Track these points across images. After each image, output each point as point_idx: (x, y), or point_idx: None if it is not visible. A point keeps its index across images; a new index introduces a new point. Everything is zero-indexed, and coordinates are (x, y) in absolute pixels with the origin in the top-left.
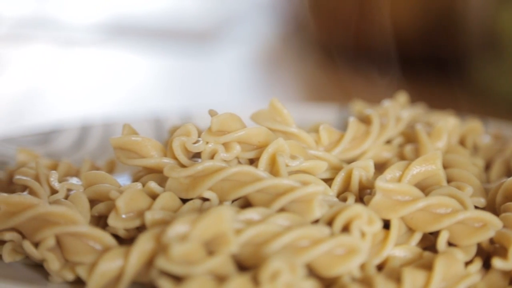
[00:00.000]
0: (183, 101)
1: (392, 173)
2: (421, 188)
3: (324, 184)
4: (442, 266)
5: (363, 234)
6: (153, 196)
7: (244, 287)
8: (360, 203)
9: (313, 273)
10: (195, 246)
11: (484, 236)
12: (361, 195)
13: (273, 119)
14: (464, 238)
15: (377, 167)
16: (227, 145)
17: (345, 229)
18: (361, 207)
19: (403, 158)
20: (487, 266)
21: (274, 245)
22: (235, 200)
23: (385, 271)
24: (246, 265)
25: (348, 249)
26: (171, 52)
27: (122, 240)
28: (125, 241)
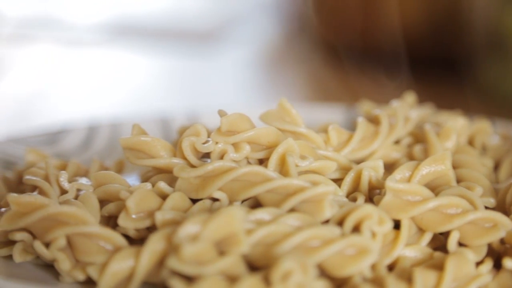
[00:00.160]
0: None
1: (401, 173)
2: (430, 188)
3: (334, 184)
4: (453, 266)
5: (373, 234)
6: (163, 196)
7: (255, 287)
8: (370, 203)
9: (324, 273)
10: (206, 246)
11: (495, 236)
12: (370, 195)
13: (282, 119)
14: (475, 238)
15: (386, 167)
16: (236, 145)
17: (356, 229)
18: (371, 207)
19: (412, 158)
20: (498, 266)
21: (285, 245)
22: (244, 200)
23: (395, 271)
24: (257, 265)
25: (359, 249)
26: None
27: (132, 240)
28: (135, 241)
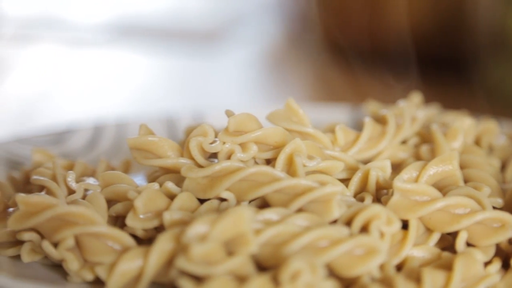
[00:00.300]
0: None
1: (408, 173)
2: (438, 189)
3: (341, 185)
4: (462, 266)
5: (381, 234)
6: (170, 197)
7: (264, 287)
8: (377, 203)
9: (332, 273)
10: (215, 246)
11: (503, 236)
12: (377, 195)
13: (289, 119)
14: (483, 238)
15: (393, 167)
16: (243, 145)
17: (363, 229)
18: (380, 207)
19: (419, 158)
20: (506, 266)
21: (293, 245)
22: (252, 200)
23: (404, 271)
24: (265, 265)
25: (367, 249)
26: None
27: (140, 240)
28: (143, 241)
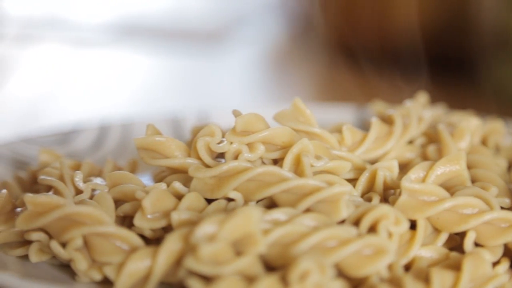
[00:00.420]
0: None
1: (416, 173)
2: (445, 189)
3: (349, 185)
4: (470, 266)
5: (389, 234)
6: (178, 197)
7: (273, 287)
8: (385, 203)
9: (340, 273)
10: (223, 246)
11: (511, 236)
12: (385, 195)
13: (296, 119)
14: (491, 238)
15: (400, 167)
16: (251, 146)
17: (371, 229)
18: (388, 208)
19: (426, 158)
20: None
21: (302, 245)
22: (259, 200)
23: (412, 271)
24: (273, 265)
25: (376, 249)
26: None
27: (147, 240)
28: (150, 241)
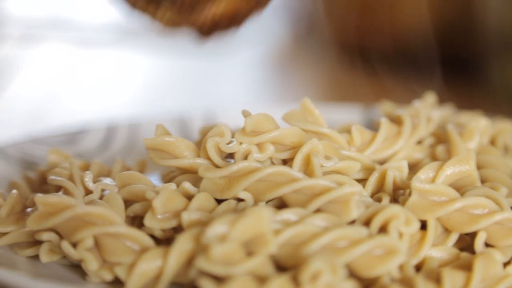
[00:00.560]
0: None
1: (425, 173)
2: (454, 189)
3: (359, 185)
4: (481, 266)
5: (400, 234)
6: (188, 197)
7: (284, 287)
8: (394, 203)
9: (351, 273)
10: (234, 246)
11: None
12: (394, 195)
13: (304, 119)
14: (502, 238)
15: (408, 167)
16: (260, 146)
17: (381, 229)
18: (398, 208)
19: (434, 158)
20: None
21: (313, 246)
22: (269, 200)
23: (423, 271)
24: (284, 265)
25: (387, 249)
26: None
27: (157, 241)
28: (160, 241)
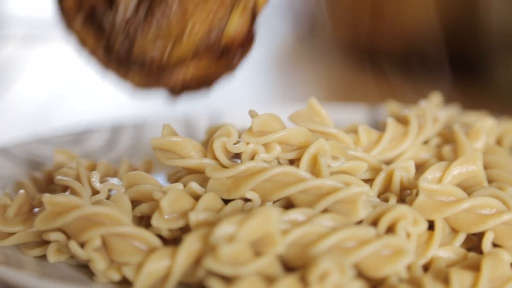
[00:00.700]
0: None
1: (432, 173)
2: (461, 189)
3: (365, 185)
4: (489, 267)
5: (408, 235)
6: (195, 197)
7: (293, 287)
8: (401, 203)
9: (359, 274)
10: (243, 246)
11: None
12: (401, 196)
13: (311, 119)
14: (509, 239)
15: (415, 167)
16: (267, 146)
17: (389, 230)
18: (406, 208)
19: (441, 158)
20: None
21: (321, 246)
22: (276, 200)
23: (431, 271)
24: (292, 265)
25: (395, 250)
26: None
27: (164, 241)
28: (167, 241)
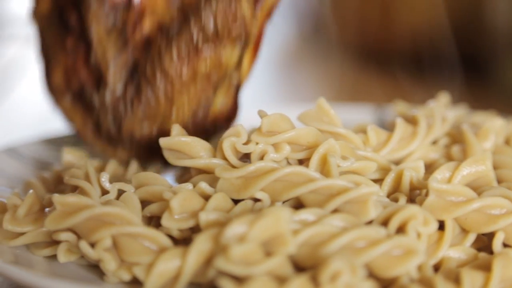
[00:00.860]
0: None
1: (442, 173)
2: (471, 189)
3: (376, 185)
4: (500, 267)
5: (418, 235)
6: (204, 197)
7: (304, 287)
8: (411, 203)
9: (370, 274)
10: (253, 246)
11: None
12: (411, 196)
13: (320, 119)
14: None
15: (424, 167)
16: (276, 146)
17: (399, 230)
18: (416, 208)
19: (450, 158)
20: None
21: (332, 246)
22: (286, 200)
23: (441, 272)
24: (303, 265)
25: (405, 250)
26: None
27: (174, 241)
28: (177, 241)
